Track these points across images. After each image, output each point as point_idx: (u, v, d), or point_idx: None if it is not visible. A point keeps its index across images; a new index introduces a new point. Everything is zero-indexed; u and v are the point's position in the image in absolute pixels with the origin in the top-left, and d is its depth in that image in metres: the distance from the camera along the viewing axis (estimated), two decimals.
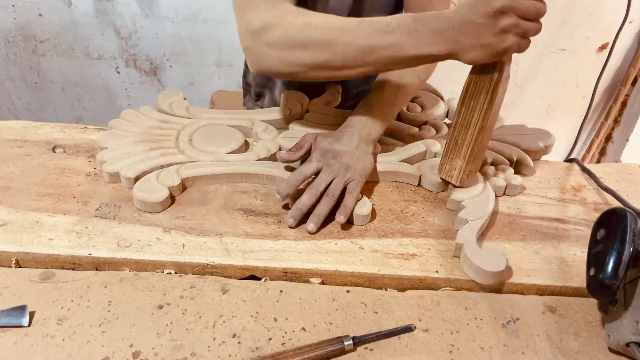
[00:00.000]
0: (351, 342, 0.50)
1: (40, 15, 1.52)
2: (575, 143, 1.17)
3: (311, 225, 0.63)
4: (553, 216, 0.70)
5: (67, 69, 1.65)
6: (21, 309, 0.51)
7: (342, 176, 0.66)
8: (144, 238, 0.60)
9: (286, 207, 0.67)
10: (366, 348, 0.51)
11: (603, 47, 1.64)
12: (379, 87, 0.76)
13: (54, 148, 0.75)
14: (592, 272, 0.50)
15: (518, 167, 0.78)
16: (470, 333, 0.54)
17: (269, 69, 0.67)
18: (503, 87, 0.62)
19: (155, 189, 0.65)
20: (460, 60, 0.59)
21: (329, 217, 0.65)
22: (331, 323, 0.53)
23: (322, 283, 0.59)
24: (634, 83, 1.67)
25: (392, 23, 0.59)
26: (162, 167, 0.69)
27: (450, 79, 1.08)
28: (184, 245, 0.60)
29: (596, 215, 0.54)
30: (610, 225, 0.51)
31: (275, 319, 0.53)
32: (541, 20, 0.56)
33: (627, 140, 1.73)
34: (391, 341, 0.52)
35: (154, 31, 1.56)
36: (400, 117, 0.85)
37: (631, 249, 0.48)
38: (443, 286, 0.59)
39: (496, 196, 0.72)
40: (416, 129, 0.82)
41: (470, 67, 0.63)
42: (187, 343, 0.50)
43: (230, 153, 0.74)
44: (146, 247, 0.59)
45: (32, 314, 0.51)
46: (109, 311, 0.52)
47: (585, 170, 0.80)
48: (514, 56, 0.60)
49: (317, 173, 0.67)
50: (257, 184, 0.71)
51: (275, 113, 0.83)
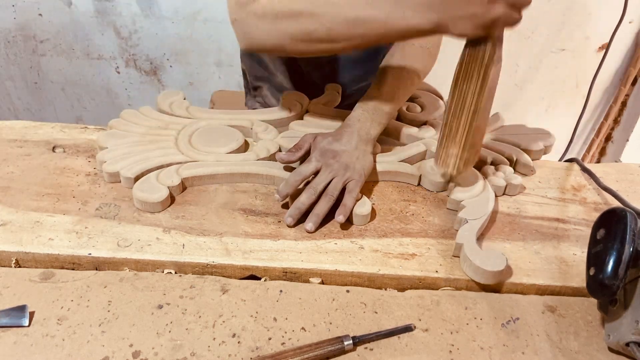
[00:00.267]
0: (351, 342, 0.50)
1: (40, 15, 1.52)
2: (570, 141, 1.17)
3: (310, 224, 0.63)
4: (553, 216, 0.70)
5: (67, 69, 1.65)
6: (21, 309, 0.51)
7: (342, 176, 0.66)
8: (144, 238, 0.60)
9: (286, 207, 0.67)
10: (366, 348, 0.51)
11: (603, 47, 1.64)
12: (378, 86, 0.76)
13: (54, 148, 0.75)
14: (592, 272, 0.50)
15: (518, 167, 0.78)
16: (470, 333, 0.54)
17: (257, 43, 0.66)
18: (496, 69, 0.60)
19: (155, 189, 0.65)
20: (448, 34, 0.58)
21: (329, 217, 0.65)
22: (331, 323, 0.53)
23: (322, 283, 0.59)
24: (634, 83, 1.67)
25: None
26: (162, 167, 0.69)
27: (450, 79, 1.07)
28: (184, 245, 0.60)
29: (596, 215, 0.54)
30: (610, 225, 0.51)
31: (275, 319, 0.53)
32: None
33: (627, 140, 1.72)
34: (391, 341, 0.52)
35: (154, 31, 1.56)
36: (399, 117, 0.85)
37: (631, 249, 0.48)
38: (443, 286, 0.59)
39: (496, 196, 0.72)
40: (416, 129, 0.82)
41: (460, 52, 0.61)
42: (187, 343, 0.50)
43: (230, 153, 0.74)
44: (146, 247, 0.59)
45: (32, 314, 0.51)
46: (109, 311, 0.52)
47: (585, 170, 0.80)
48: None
49: (317, 173, 0.67)
50: (257, 184, 0.72)
51: (275, 113, 0.83)
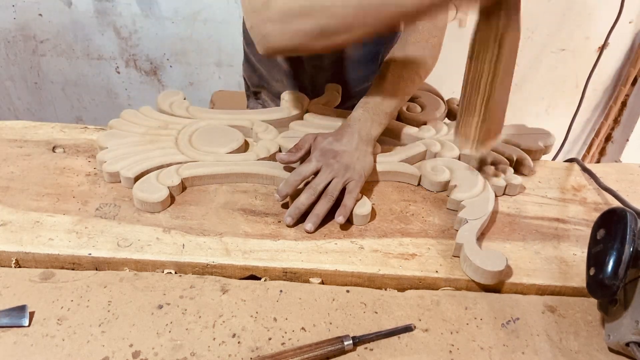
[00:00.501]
0: (351, 342, 0.50)
1: (40, 15, 1.53)
2: (565, 139, 1.17)
3: (309, 225, 0.63)
4: (553, 216, 0.70)
5: (67, 69, 1.65)
6: (21, 309, 0.51)
7: (342, 176, 0.66)
8: (144, 238, 0.60)
9: (285, 207, 0.67)
10: (366, 348, 0.51)
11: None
12: (378, 86, 0.76)
13: (54, 148, 0.75)
14: (592, 272, 0.50)
15: (518, 167, 0.78)
16: (470, 333, 0.54)
17: (274, 46, 0.66)
18: (513, 38, 0.58)
19: (155, 189, 0.65)
20: (462, 3, 0.56)
21: (329, 217, 0.65)
22: (331, 323, 0.53)
23: (322, 283, 0.59)
24: (634, 83, 1.67)
25: None
26: (162, 167, 0.69)
27: (450, 79, 1.08)
28: (184, 245, 0.60)
29: (596, 215, 0.54)
30: (610, 225, 0.51)
31: (275, 319, 0.53)
32: None
33: (627, 140, 1.73)
34: (391, 341, 0.52)
35: (154, 31, 1.56)
36: (400, 117, 0.85)
37: (631, 249, 0.48)
38: (443, 286, 0.59)
39: (496, 196, 0.72)
40: (416, 129, 0.82)
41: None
42: (187, 343, 0.50)
43: (230, 153, 0.74)
44: (146, 247, 0.59)
45: (32, 314, 0.51)
46: (109, 311, 0.52)
47: (585, 170, 0.80)
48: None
49: (317, 173, 0.67)
50: (257, 184, 0.72)
51: (275, 113, 0.83)
